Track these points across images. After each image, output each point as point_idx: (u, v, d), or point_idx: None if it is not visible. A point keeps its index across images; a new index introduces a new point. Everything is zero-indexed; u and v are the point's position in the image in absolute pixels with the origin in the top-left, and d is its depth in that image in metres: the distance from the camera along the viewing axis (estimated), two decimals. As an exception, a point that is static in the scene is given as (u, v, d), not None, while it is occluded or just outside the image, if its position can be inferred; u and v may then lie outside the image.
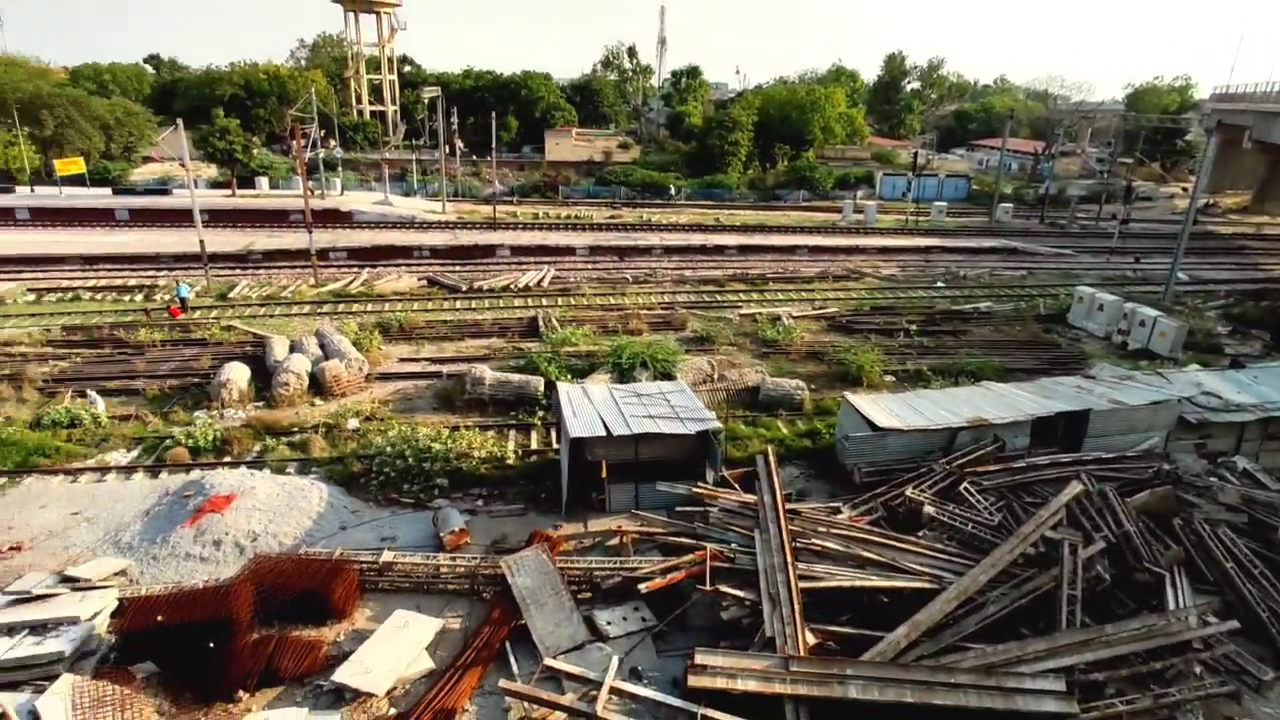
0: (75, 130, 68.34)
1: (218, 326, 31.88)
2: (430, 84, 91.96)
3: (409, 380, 26.74)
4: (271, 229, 53.23)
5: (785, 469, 20.15)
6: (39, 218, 54.81)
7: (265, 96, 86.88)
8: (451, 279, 40.85)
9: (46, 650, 13.28)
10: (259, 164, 66.39)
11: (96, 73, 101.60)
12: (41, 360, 27.56)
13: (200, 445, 21.28)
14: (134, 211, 55.77)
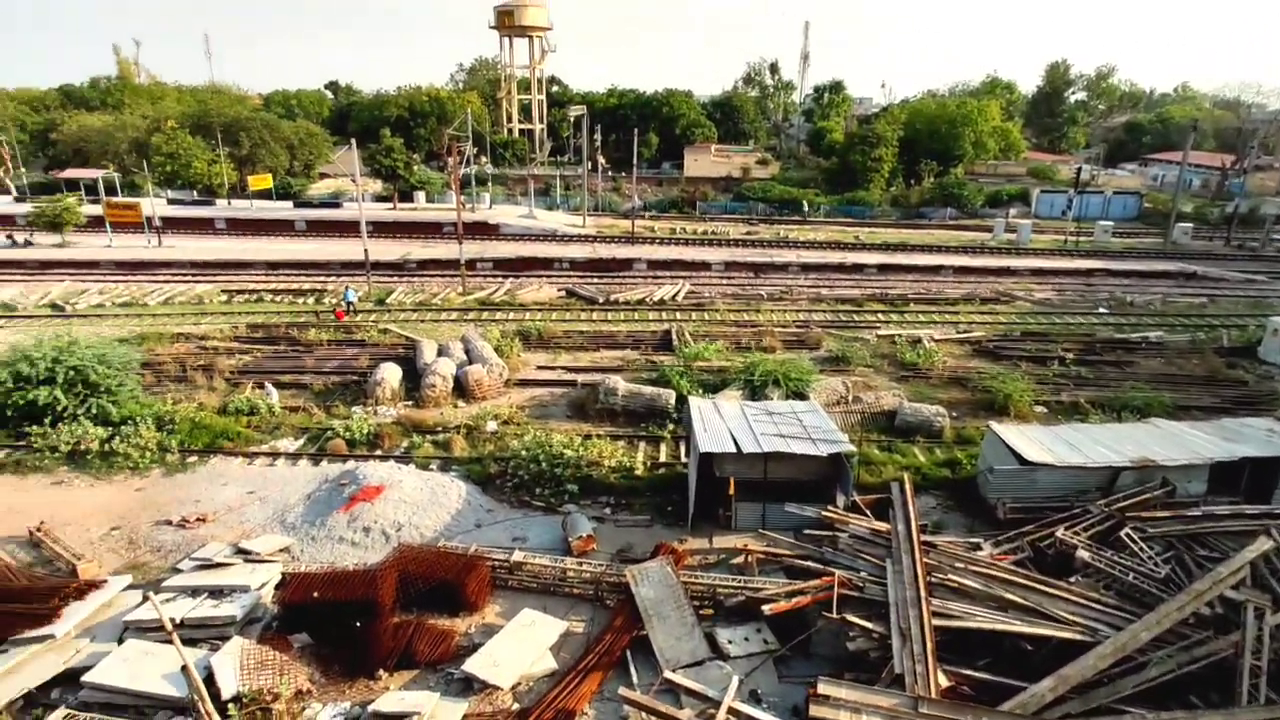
0: (266, 150, 76.01)
1: (375, 329, 34.34)
2: (576, 103, 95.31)
3: (545, 387, 27.67)
4: (426, 240, 56.84)
5: (921, 498, 19.21)
6: (233, 228, 61.35)
7: (426, 117, 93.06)
8: (589, 291, 41.98)
9: (221, 613, 14.70)
10: (418, 180, 71.08)
11: (285, 99, 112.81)
12: (229, 354, 30.72)
13: (356, 438, 22.96)
14: (310, 223, 61.27)
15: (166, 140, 71.04)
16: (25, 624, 14.43)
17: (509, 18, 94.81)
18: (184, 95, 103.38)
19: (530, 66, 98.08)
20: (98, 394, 23.43)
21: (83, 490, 20.55)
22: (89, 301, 40.07)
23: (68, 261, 48.94)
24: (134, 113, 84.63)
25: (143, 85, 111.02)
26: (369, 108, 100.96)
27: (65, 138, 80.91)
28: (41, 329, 33.16)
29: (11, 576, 16.13)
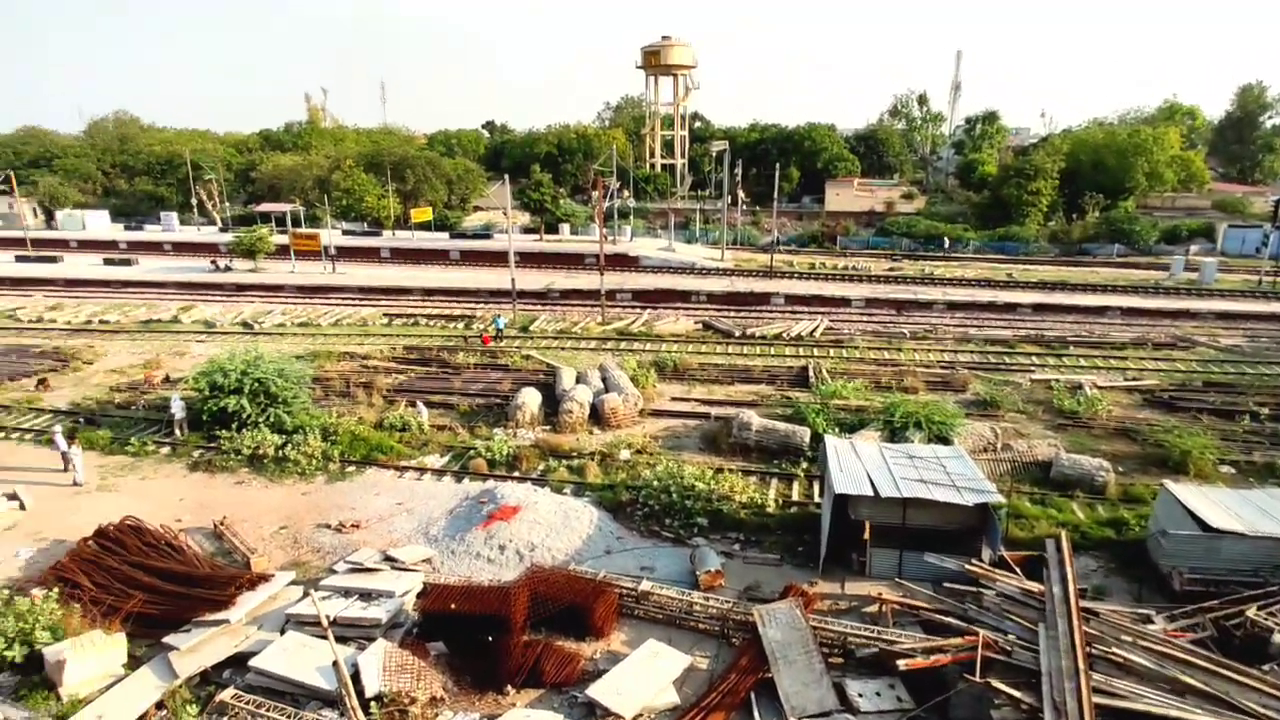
0: (428, 185, 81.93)
1: (518, 355, 35.87)
2: (718, 138, 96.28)
3: (679, 419, 27.79)
4: (569, 271, 58.98)
5: (1080, 559, 17.61)
6: (396, 257, 66.36)
7: (573, 153, 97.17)
8: (726, 324, 41.96)
9: (369, 615, 15.66)
10: (563, 213, 74.13)
11: (447, 138, 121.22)
12: (387, 373, 33.05)
13: (496, 459, 23.97)
14: (463, 252, 65.23)
15: (344, 177, 78.23)
16: (206, 607, 15.99)
17: (655, 58, 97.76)
18: (360, 137, 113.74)
19: (674, 104, 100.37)
20: (276, 404, 25.83)
21: (258, 490, 22.65)
22: (273, 321, 44.46)
23: (258, 285, 54.62)
24: (319, 153, 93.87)
25: (327, 129, 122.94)
26: (521, 145, 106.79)
27: (262, 176, 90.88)
28: (234, 344, 37.12)
29: (199, 564, 17.97)
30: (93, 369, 35.44)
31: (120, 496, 22.33)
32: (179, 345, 39.78)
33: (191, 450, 25.16)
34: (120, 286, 56.08)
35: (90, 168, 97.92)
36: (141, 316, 46.43)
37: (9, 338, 42.12)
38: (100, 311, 47.78)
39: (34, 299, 52.66)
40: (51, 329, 43.98)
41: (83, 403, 30.26)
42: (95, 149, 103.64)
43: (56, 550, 19.17)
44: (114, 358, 37.35)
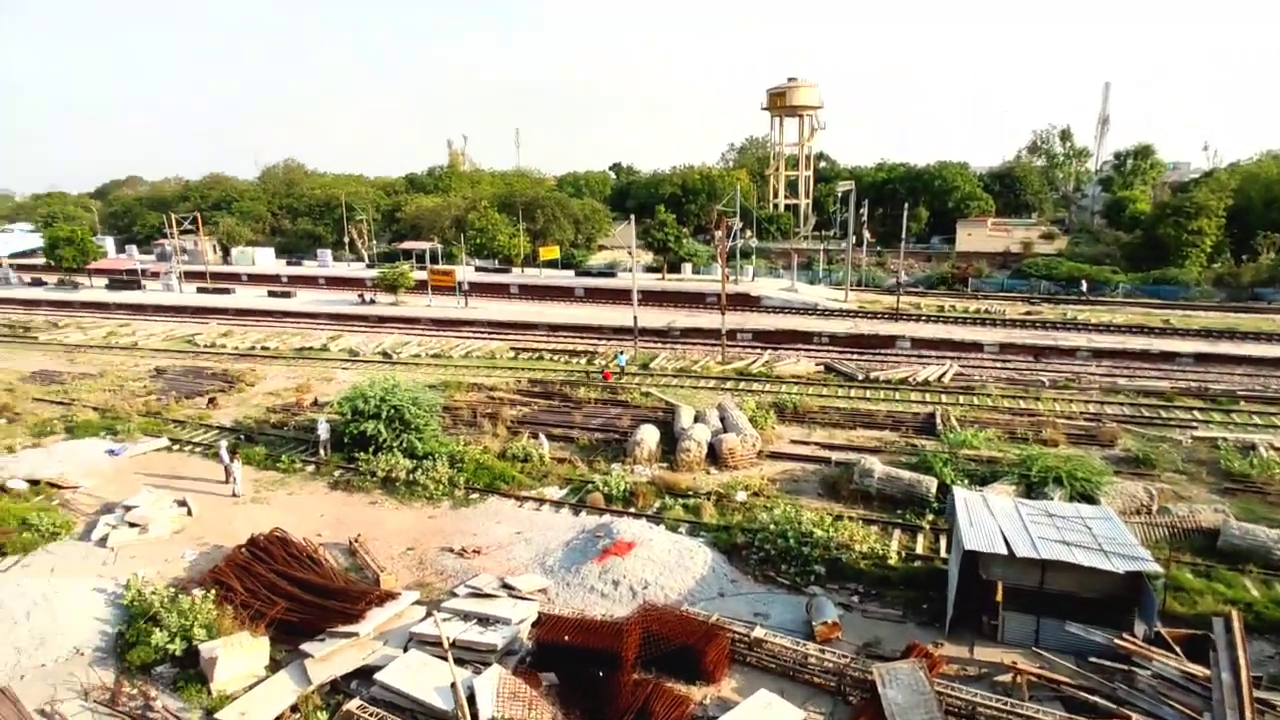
0: (556, 225, 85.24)
1: (638, 392, 36.28)
2: (844, 178, 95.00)
3: (798, 462, 27.16)
4: (690, 309, 59.39)
5: (1254, 643, 15.65)
6: (524, 293, 69.14)
7: (697, 194, 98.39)
8: (848, 367, 40.84)
9: (486, 640, 16.06)
10: (686, 252, 74.89)
11: (575, 179, 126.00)
12: (512, 404, 34.25)
13: (613, 494, 24.20)
14: (588, 290, 67.09)
15: (479, 217, 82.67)
16: (339, 619, 16.91)
17: (780, 99, 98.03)
18: (495, 179, 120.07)
19: (799, 144, 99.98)
20: (409, 431, 27.29)
21: (390, 512, 23.89)
22: (409, 351, 47.23)
23: (398, 318, 58.29)
24: (457, 195, 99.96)
25: (466, 172, 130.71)
26: (646, 186, 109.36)
27: (406, 216, 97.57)
28: (374, 372, 39.71)
29: (334, 577, 19.09)
30: (254, 390, 38.79)
31: (270, 509, 24.16)
32: (327, 371, 42.91)
33: (333, 470, 26.94)
34: (280, 317, 61.40)
35: (261, 209, 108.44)
36: (296, 344, 50.50)
37: (188, 360, 46.91)
38: (263, 339, 52.38)
39: (210, 326, 58.47)
40: (222, 353, 48.61)
41: (244, 421, 33.13)
42: (266, 193, 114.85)
43: (215, 555, 20.91)
44: (272, 381, 40.75)
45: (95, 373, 43.13)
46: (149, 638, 16.30)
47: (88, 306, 69.32)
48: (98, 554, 21.43)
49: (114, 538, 22.01)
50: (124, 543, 21.90)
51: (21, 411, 34.94)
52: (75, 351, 50.47)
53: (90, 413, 34.46)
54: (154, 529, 22.45)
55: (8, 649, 16.46)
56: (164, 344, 52.25)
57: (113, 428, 32.08)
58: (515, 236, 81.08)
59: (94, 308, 68.81)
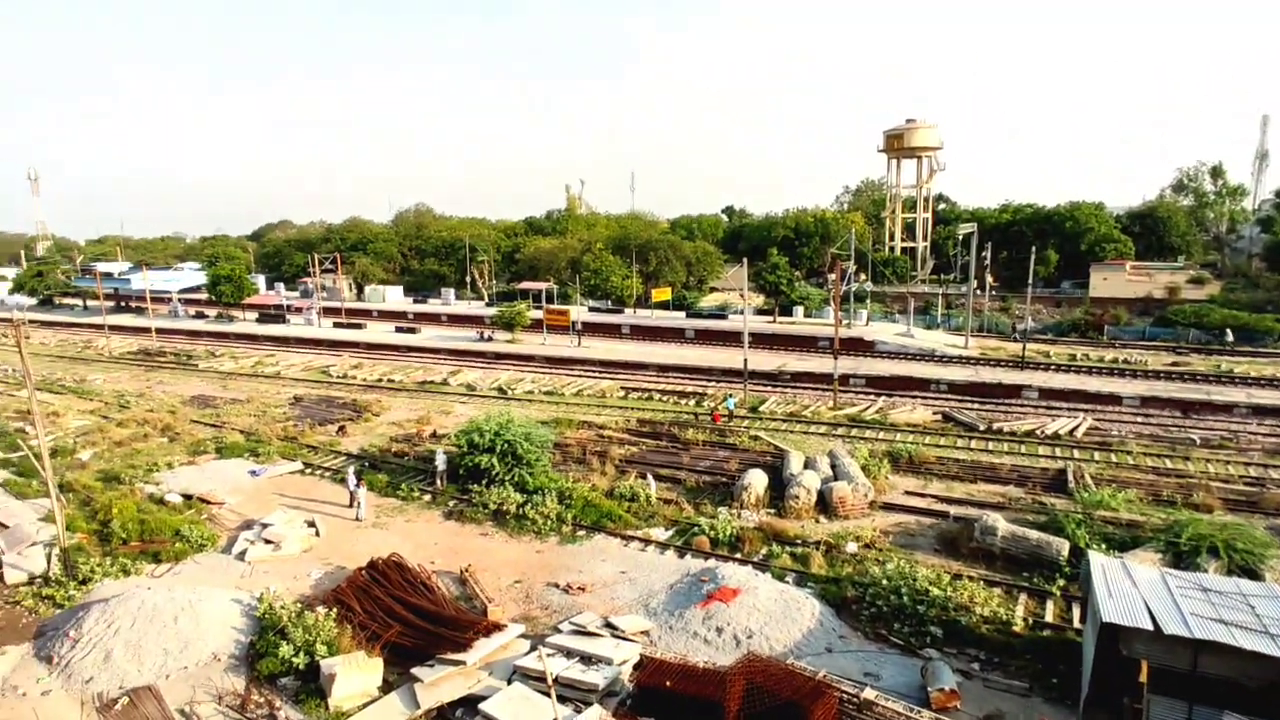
0: (668, 267, 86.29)
1: (747, 435, 35.83)
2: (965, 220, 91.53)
3: (912, 515, 25.95)
4: (801, 353, 58.41)
5: None
6: (635, 333, 70.13)
7: (810, 237, 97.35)
8: (968, 416, 38.87)
9: (588, 679, 16.05)
10: (798, 295, 73.99)
11: (688, 222, 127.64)
12: (621, 443, 34.57)
13: (719, 538, 23.86)
14: (698, 331, 67.30)
15: (593, 259, 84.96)
16: (448, 647, 17.38)
17: (898, 141, 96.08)
18: (610, 222, 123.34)
19: (917, 186, 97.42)
20: (521, 465, 28.01)
21: (499, 544, 24.48)
22: (523, 388, 48.70)
23: (513, 355, 60.38)
24: (573, 237, 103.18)
25: (582, 215, 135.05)
26: (758, 229, 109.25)
27: (524, 257, 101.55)
28: (489, 407, 41.15)
29: (445, 605, 19.68)
30: (379, 420, 41.01)
31: (389, 534, 25.30)
32: (446, 405, 44.85)
33: (448, 500, 27.97)
34: (405, 351, 64.91)
35: (393, 250, 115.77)
36: (419, 377, 53.15)
37: (322, 389, 50.24)
38: (389, 371, 55.47)
39: (343, 358, 62.54)
40: (352, 384, 51.79)
41: (369, 449, 35.02)
42: (398, 235, 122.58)
43: (338, 575, 22.04)
44: (395, 412, 42.97)
45: (243, 398, 46.89)
46: (276, 650, 17.30)
47: (240, 338, 75.75)
48: (236, 567, 23.04)
49: (251, 553, 23.63)
50: (259, 558, 23.46)
51: (181, 432, 38.38)
52: (228, 379, 55.10)
53: (237, 435, 37.43)
54: (286, 547, 23.96)
55: (157, 650, 17.88)
56: (302, 374, 56.21)
57: (255, 450, 34.70)
58: (628, 278, 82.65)
59: (245, 339, 75.12)
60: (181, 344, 73.60)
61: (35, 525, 25.59)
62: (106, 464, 32.81)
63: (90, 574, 21.94)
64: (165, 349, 69.51)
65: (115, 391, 49.78)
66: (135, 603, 19.09)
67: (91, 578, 21.85)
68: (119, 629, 18.35)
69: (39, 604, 20.83)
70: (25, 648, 18.74)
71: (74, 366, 61.25)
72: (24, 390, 49.09)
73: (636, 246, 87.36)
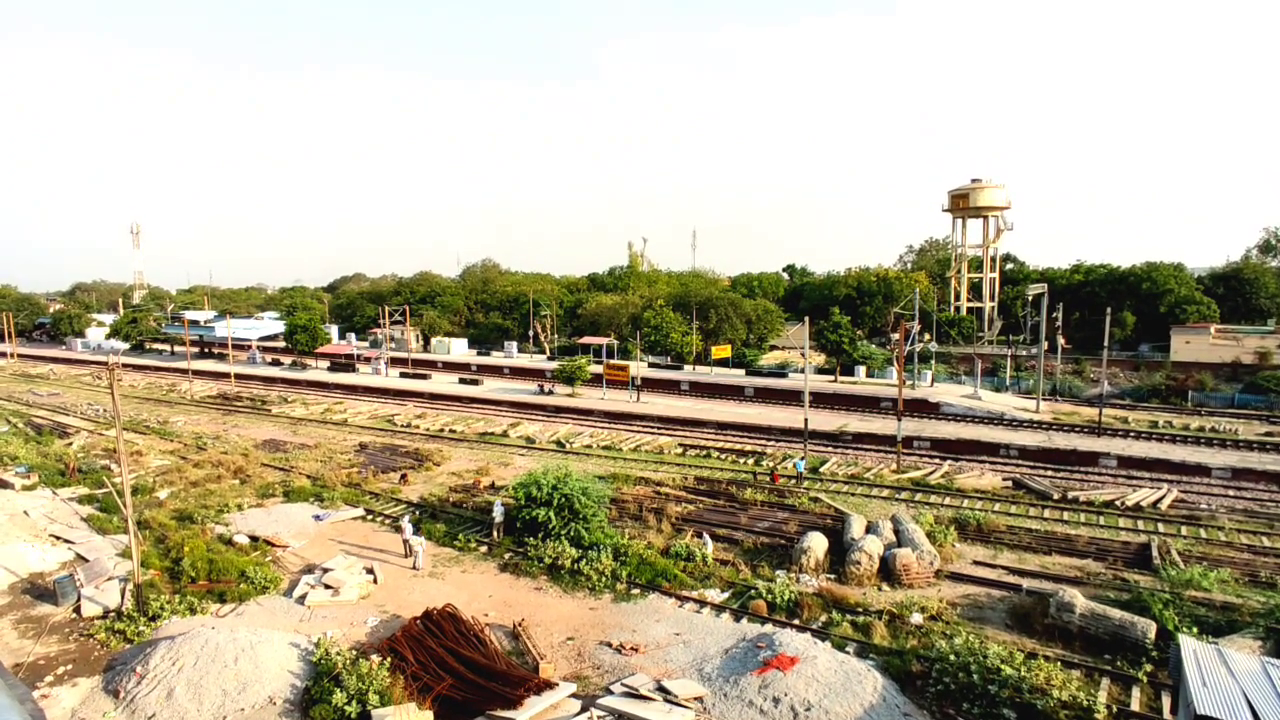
0: (729, 324, 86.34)
1: (806, 497, 35.00)
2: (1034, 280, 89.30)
3: (981, 586, 24.73)
4: (863, 414, 57.17)
5: None
6: (694, 390, 69.90)
7: (872, 296, 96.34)
8: (1041, 484, 37.17)
9: (639, 748, 15.56)
10: (860, 355, 72.84)
11: (749, 280, 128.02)
12: (677, 501, 34.15)
13: (776, 602, 23.11)
14: (758, 390, 66.67)
15: (654, 315, 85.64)
16: (499, 703, 17.14)
17: (963, 200, 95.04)
18: (671, 279, 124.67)
19: (983, 245, 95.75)
20: (577, 520, 27.88)
21: (553, 598, 24.23)
22: (582, 442, 48.82)
23: (573, 409, 60.79)
24: (634, 294, 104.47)
25: (644, 272, 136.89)
26: (820, 287, 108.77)
27: (586, 313, 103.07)
28: (547, 460, 41.32)
29: (497, 659, 19.48)
30: (440, 469, 41.56)
31: (444, 584, 25.35)
32: (505, 456, 45.23)
33: (503, 552, 27.96)
34: (468, 403, 66.04)
35: (459, 303, 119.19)
36: (480, 429, 53.88)
37: (386, 437, 51.37)
38: (451, 422, 56.43)
39: (407, 407, 63.99)
40: (416, 433, 52.81)
41: (429, 498, 35.43)
42: (464, 289, 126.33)
43: (393, 623, 22.12)
44: (456, 462, 43.53)
45: (311, 444, 48.26)
46: (330, 696, 17.34)
47: (312, 385, 78.45)
48: (296, 610, 23.36)
49: (311, 597, 23.96)
50: (319, 603, 23.76)
51: (252, 474, 39.62)
52: (298, 424, 56.91)
53: (304, 480, 38.42)
54: (344, 593, 24.22)
55: (217, 691, 18.14)
56: (368, 421, 57.66)
57: (320, 495, 35.52)
58: (688, 334, 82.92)
59: (316, 386, 77.75)
60: (257, 389, 76.61)
61: (113, 560, 26.59)
62: (181, 503, 34.00)
63: (160, 611, 22.58)
64: (242, 394, 72.46)
65: (194, 433, 51.93)
66: (199, 642, 19.50)
67: (161, 614, 22.48)
68: (182, 667, 18.72)
69: (111, 638, 21.48)
70: (95, 680, 19.27)
71: (158, 408, 64.31)
72: (113, 430, 51.67)
73: (697, 303, 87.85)
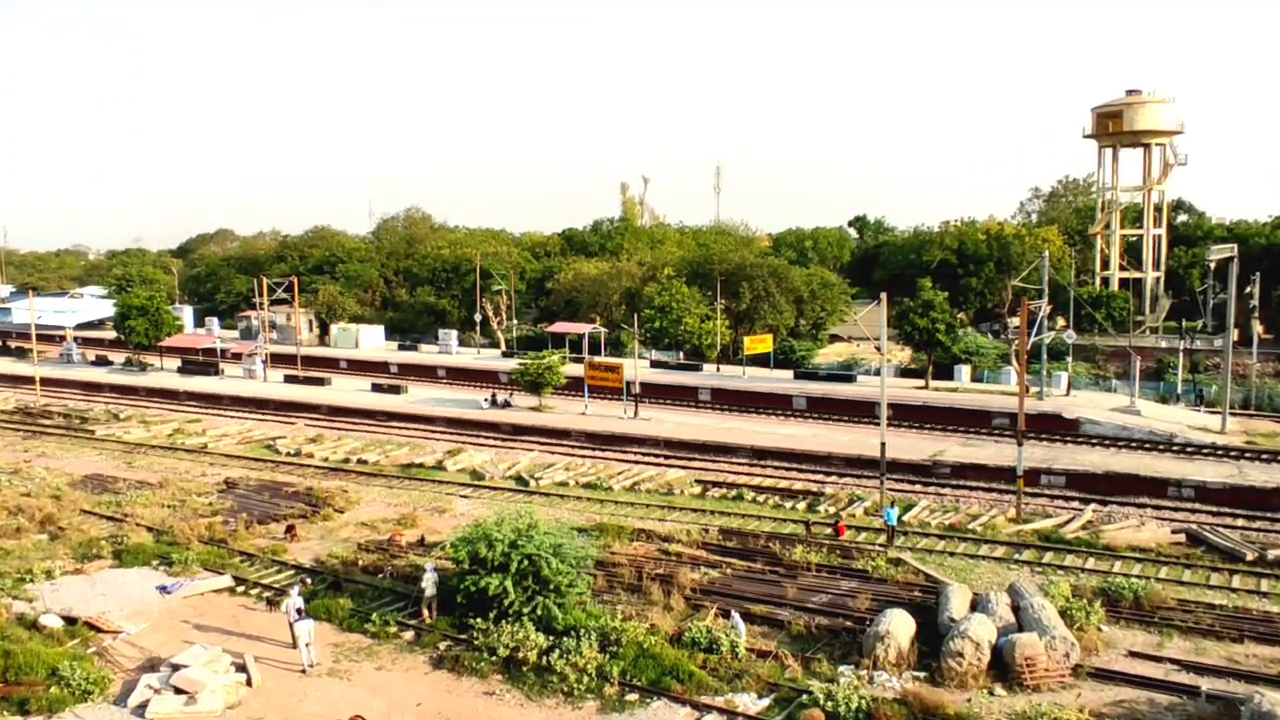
0: (769, 305, 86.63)
1: (883, 558, 35.08)
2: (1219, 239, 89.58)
3: (1141, 688, 24.87)
4: (966, 435, 57.31)
5: None
6: (719, 400, 70.13)
7: (980, 262, 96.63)
8: (1229, 540, 37.37)
9: None
10: (962, 349, 73.13)
11: (799, 239, 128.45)
12: (693, 564, 34.23)
13: (841, 712, 23.15)
14: (813, 400, 66.89)
15: (659, 291, 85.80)
16: None
17: (1114, 122, 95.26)
18: (685, 238, 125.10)
19: (1144, 188, 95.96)
20: (546, 592, 27.88)
21: (512, 709, 24.28)
22: (553, 478, 48.91)
23: (540, 428, 60.92)
24: (631, 259, 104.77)
25: (644, 227, 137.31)
26: (903, 250, 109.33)
27: (560, 287, 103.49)
28: (503, 505, 41.38)
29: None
30: (344, 519, 41.64)
31: (351, 688, 25.40)
32: (440, 499, 45.30)
33: (438, 640, 28.00)
34: (385, 420, 66.18)
35: (373, 274, 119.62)
36: (403, 458, 53.85)
37: (265, 471, 51.44)
38: (360, 448, 56.46)
39: (295, 427, 64.08)
40: (308, 466, 52.87)
41: (328, 560, 35.50)
42: (381, 252, 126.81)
43: (276, 749, 22.14)
44: (368, 507, 43.58)
45: (155, 481, 48.30)
46: None
47: (155, 394, 78.51)
48: (133, 728, 23.39)
49: (155, 706, 23.99)
50: (165, 714, 23.79)
51: (67, 526, 39.66)
52: (134, 452, 56.90)
53: (144, 534, 38.47)
54: (204, 700, 24.25)
55: None
56: (238, 448, 57.67)
57: (168, 555, 35.59)
58: (710, 319, 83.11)
59: (161, 396, 77.81)
60: (75, 400, 76.62)
61: None
62: (-40, 570, 34.04)
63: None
64: (53, 407, 72.51)
65: (-20, 467, 51.98)
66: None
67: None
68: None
69: None
70: None
71: (-72, 430, 64.29)
72: None
73: (723, 273, 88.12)
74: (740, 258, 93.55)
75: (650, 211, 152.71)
